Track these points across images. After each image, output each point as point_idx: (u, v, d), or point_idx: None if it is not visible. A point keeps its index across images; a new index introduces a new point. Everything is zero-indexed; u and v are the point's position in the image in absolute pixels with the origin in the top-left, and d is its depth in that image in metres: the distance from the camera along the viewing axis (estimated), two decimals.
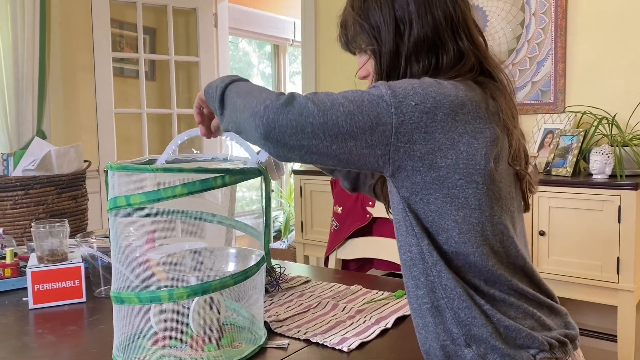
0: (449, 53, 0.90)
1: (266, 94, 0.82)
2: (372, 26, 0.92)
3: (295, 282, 1.44)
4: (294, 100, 0.79)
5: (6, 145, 2.84)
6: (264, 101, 0.80)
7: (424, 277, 0.86)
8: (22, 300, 1.33)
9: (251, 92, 0.84)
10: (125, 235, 1.17)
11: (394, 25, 0.90)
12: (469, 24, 0.93)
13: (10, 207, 2.04)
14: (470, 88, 0.87)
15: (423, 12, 0.89)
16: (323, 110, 0.79)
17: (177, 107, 3.67)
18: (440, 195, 0.83)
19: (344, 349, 1.00)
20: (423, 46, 0.89)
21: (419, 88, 0.82)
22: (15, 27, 2.81)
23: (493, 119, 0.86)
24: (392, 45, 0.91)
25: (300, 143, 0.80)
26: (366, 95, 0.81)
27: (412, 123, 0.80)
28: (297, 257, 3.07)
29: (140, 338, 1.04)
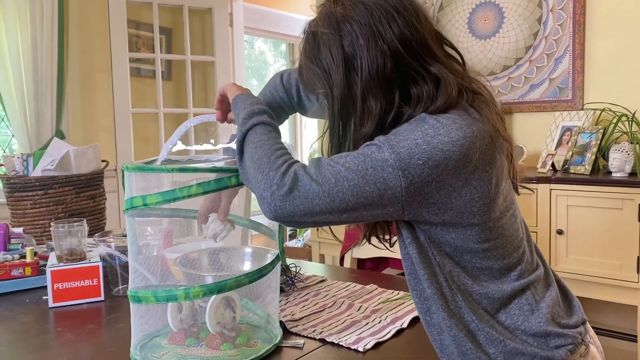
0: (420, 81, 0.83)
1: (273, 171, 0.81)
2: (324, 69, 0.86)
3: (311, 281, 1.44)
4: (297, 183, 0.79)
5: (26, 145, 2.88)
6: (269, 186, 0.80)
7: (453, 305, 0.86)
8: (41, 298, 1.35)
9: (261, 159, 0.84)
10: (143, 234, 1.18)
11: (344, 64, 0.84)
12: (430, 45, 0.85)
13: (30, 206, 2.07)
14: (471, 118, 0.83)
15: (373, 44, 0.82)
16: (328, 190, 0.78)
17: (193, 107, 3.69)
18: (461, 227, 0.83)
19: (359, 348, 1.00)
20: (379, 80, 0.83)
21: (423, 144, 0.78)
22: (34, 30, 2.85)
23: (497, 144, 0.84)
24: (343, 85, 0.85)
25: (311, 220, 0.81)
26: (369, 161, 0.78)
27: (422, 179, 0.78)
28: (312, 256, 3.07)
29: (157, 337, 1.05)
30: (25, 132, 2.88)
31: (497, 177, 0.83)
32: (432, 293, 0.86)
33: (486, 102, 0.87)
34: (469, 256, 0.85)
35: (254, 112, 0.93)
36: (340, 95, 0.86)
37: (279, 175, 0.80)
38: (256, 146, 0.87)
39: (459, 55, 0.90)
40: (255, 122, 0.91)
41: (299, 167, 0.81)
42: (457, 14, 2.90)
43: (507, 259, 0.86)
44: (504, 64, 2.79)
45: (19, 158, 2.23)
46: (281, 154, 0.84)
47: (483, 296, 0.85)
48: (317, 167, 0.80)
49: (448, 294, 0.86)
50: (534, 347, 0.84)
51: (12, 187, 2.12)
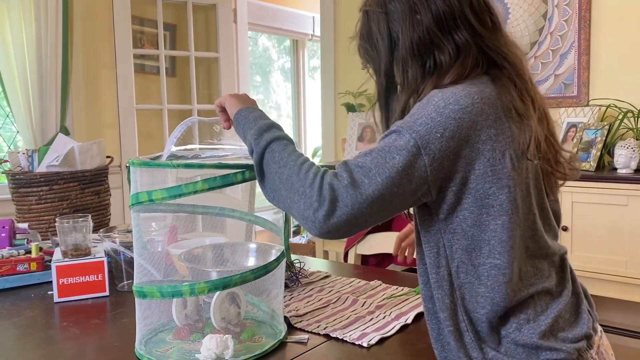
0: (445, 52, 0.87)
1: (308, 188, 0.82)
2: (373, 45, 0.93)
3: (315, 277, 1.44)
4: (336, 194, 0.80)
5: (31, 141, 2.89)
6: (310, 204, 0.81)
7: (449, 300, 0.86)
8: (47, 293, 1.36)
9: (290, 178, 0.84)
10: (148, 230, 1.19)
11: (388, 39, 0.91)
12: (466, 13, 0.88)
13: (35, 202, 2.08)
14: (484, 86, 0.85)
15: (411, 19, 0.88)
16: (364, 192, 0.79)
17: (197, 103, 3.69)
18: (476, 209, 0.82)
19: (363, 344, 1.00)
20: (415, 50, 0.88)
21: (437, 116, 0.80)
22: (39, 26, 2.85)
23: (509, 115, 0.84)
24: (387, 59, 0.91)
25: (352, 229, 0.82)
26: (394, 149, 0.80)
27: (442, 153, 0.79)
28: (316, 252, 3.08)
29: (162, 332, 1.05)
30: (30, 129, 2.89)
31: (510, 150, 0.82)
32: (435, 282, 0.86)
33: (510, 77, 0.87)
34: (487, 249, 0.83)
35: (262, 128, 0.92)
36: (385, 68, 0.92)
37: (316, 192, 0.81)
38: (279, 165, 0.87)
39: (492, 25, 0.91)
40: (269, 140, 0.90)
41: (332, 177, 0.82)
42: None
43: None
44: None
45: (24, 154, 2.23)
46: (308, 167, 0.85)
47: (483, 298, 0.84)
48: (348, 172, 0.81)
49: (447, 287, 0.85)
50: (519, 358, 0.83)
51: (17, 183, 2.13)
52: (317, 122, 5.02)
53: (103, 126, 3.31)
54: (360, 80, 3.68)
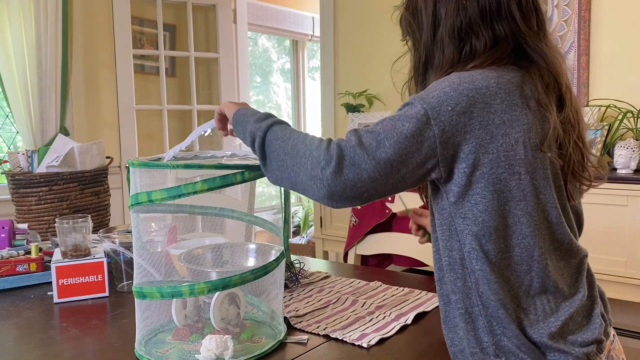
0: (482, 41, 0.89)
1: (315, 150, 0.83)
2: (415, 17, 0.95)
3: (315, 277, 1.44)
4: (343, 153, 0.80)
5: (30, 142, 2.89)
6: (318, 163, 0.81)
7: (461, 283, 0.86)
8: (46, 294, 1.36)
9: (296, 146, 0.85)
10: (147, 230, 1.19)
11: (433, 17, 0.92)
12: (512, 9, 0.90)
13: (35, 202, 2.08)
14: (505, 73, 0.86)
15: (458, 2, 0.90)
16: (372, 154, 0.80)
17: (197, 104, 3.69)
18: (487, 193, 0.82)
19: (363, 344, 1.00)
20: (455, 33, 0.90)
21: (450, 91, 0.81)
22: (39, 27, 2.85)
23: (527, 104, 0.84)
24: (429, 33, 0.93)
25: (360, 192, 0.81)
26: (404, 118, 0.81)
27: (452, 127, 0.80)
28: (316, 253, 3.08)
29: (162, 332, 1.05)
30: (30, 129, 2.89)
31: (525, 137, 0.82)
32: (447, 265, 0.87)
33: (540, 72, 0.88)
34: (495, 235, 0.83)
35: (261, 117, 0.93)
36: (425, 44, 0.93)
37: (323, 152, 0.82)
38: (283, 140, 0.88)
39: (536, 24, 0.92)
40: (270, 123, 0.91)
41: (340, 140, 0.83)
42: None
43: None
44: None
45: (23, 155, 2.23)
46: (313, 136, 0.86)
47: (496, 285, 0.83)
48: (357, 136, 0.82)
49: (460, 271, 0.85)
50: (528, 356, 0.82)
51: (16, 184, 2.13)
52: (316, 122, 5.03)
53: (103, 126, 3.31)
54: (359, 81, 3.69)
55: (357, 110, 3.18)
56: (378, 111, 3.13)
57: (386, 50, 3.17)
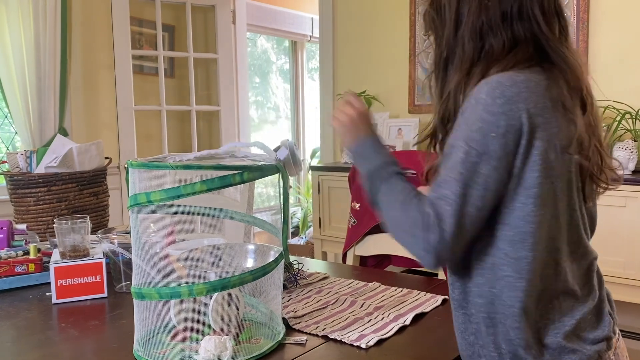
0: (501, 41, 0.90)
1: (420, 221, 0.85)
2: (439, 12, 0.97)
3: (313, 278, 1.44)
4: (443, 223, 0.83)
5: (29, 142, 2.89)
6: (420, 243, 0.84)
7: (487, 288, 0.87)
8: (45, 295, 1.36)
9: (399, 218, 0.89)
10: (146, 231, 1.19)
11: (455, 14, 0.94)
12: (535, 12, 0.91)
13: (34, 203, 2.08)
14: (533, 75, 0.86)
15: (480, 1, 0.91)
16: (448, 220, 0.83)
17: (196, 104, 3.69)
18: (523, 198, 0.84)
19: (362, 345, 1.00)
20: (477, 32, 0.92)
21: (488, 116, 0.83)
22: (38, 27, 2.85)
23: (556, 107, 0.86)
24: (451, 30, 0.94)
25: (464, 237, 0.85)
26: (461, 166, 0.84)
27: (503, 149, 0.83)
28: (315, 254, 3.08)
29: (161, 333, 1.05)
30: (29, 129, 2.88)
31: (556, 141, 0.84)
32: (477, 270, 0.89)
33: (564, 76, 0.89)
34: (523, 244, 0.85)
35: (378, 166, 0.96)
36: (447, 40, 0.94)
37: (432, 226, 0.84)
38: (390, 206, 0.92)
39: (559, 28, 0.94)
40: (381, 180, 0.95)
41: (428, 205, 0.85)
42: None
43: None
44: None
45: (22, 155, 2.23)
46: (412, 201, 0.88)
47: (522, 293, 0.85)
48: (439, 196, 0.85)
49: (489, 276, 0.87)
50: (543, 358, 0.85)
51: (15, 184, 2.13)
52: (315, 123, 5.03)
53: (101, 127, 3.31)
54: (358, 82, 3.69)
55: None
56: (377, 112, 3.14)
57: (385, 51, 3.17)
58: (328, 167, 3.02)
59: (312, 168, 3.10)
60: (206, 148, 3.90)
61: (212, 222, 1.21)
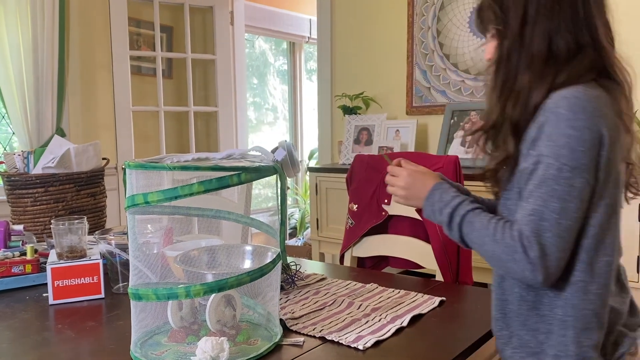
0: (566, 45, 0.94)
1: (517, 245, 0.89)
2: (502, 8, 0.98)
3: (311, 279, 1.44)
4: (541, 239, 0.88)
5: (26, 143, 2.88)
6: (523, 270, 0.90)
7: (562, 292, 0.93)
8: (42, 296, 1.36)
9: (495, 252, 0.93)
10: (143, 232, 1.19)
11: (522, 11, 0.96)
12: (596, 24, 0.95)
13: (31, 204, 2.07)
14: (599, 92, 0.91)
15: (552, 4, 0.94)
16: (556, 225, 0.88)
17: (194, 105, 3.69)
18: (601, 207, 0.90)
19: (359, 347, 1.00)
20: (547, 34, 0.94)
21: (573, 132, 0.87)
22: (35, 27, 2.85)
23: (621, 122, 0.91)
24: (517, 29, 0.96)
25: (565, 249, 0.90)
26: (553, 183, 0.88)
27: (590, 162, 0.88)
28: (312, 255, 3.08)
29: (158, 334, 1.05)
30: (26, 130, 2.88)
31: (621, 153, 0.91)
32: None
33: (621, 91, 0.95)
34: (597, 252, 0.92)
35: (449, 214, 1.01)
36: (511, 36, 0.97)
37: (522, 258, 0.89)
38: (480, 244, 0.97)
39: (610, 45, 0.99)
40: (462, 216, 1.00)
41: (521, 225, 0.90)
42: (458, 12, 2.90)
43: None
44: None
45: (19, 155, 2.23)
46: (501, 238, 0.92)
47: (593, 295, 0.92)
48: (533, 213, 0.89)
49: (563, 282, 0.94)
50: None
51: (12, 185, 2.12)
52: (313, 124, 5.03)
53: (99, 128, 3.31)
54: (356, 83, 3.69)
55: (353, 113, 3.19)
56: (375, 113, 3.14)
57: (383, 52, 3.17)
58: (326, 169, 3.02)
59: (310, 169, 3.10)
60: (204, 149, 3.91)
61: (209, 223, 1.21)
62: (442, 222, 1.03)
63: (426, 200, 1.06)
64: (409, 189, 1.09)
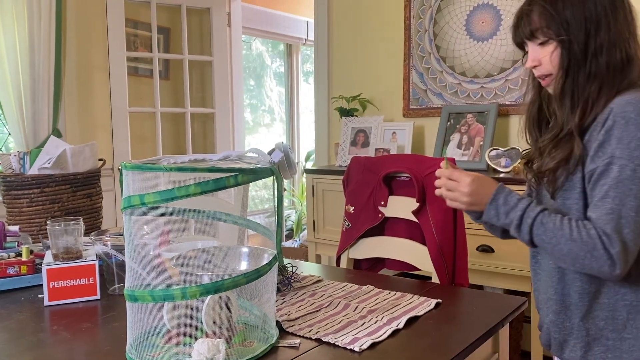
0: (619, 55, 1.03)
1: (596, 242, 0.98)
2: (563, 20, 1.03)
3: (307, 281, 1.44)
4: (621, 235, 0.97)
5: (23, 144, 2.87)
6: (604, 269, 0.99)
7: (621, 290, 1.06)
8: (37, 297, 1.35)
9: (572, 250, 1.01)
10: (139, 233, 1.19)
11: (584, 23, 1.02)
12: (637, 35, 1.06)
13: (27, 205, 2.07)
14: None
15: (611, 17, 1.02)
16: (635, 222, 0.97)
17: (190, 107, 3.69)
18: None
19: (355, 348, 1.00)
20: (605, 47, 1.02)
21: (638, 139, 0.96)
22: (32, 28, 2.84)
23: None
24: (582, 40, 1.03)
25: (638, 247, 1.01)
26: (634, 179, 0.97)
27: None
28: (309, 256, 3.08)
29: (153, 336, 1.05)
30: (22, 131, 2.87)
31: None
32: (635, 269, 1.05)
33: None
34: None
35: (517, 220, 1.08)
36: (577, 47, 1.03)
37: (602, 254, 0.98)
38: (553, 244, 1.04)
39: None
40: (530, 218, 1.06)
41: (598, 223, 0.99)
42: (454, 16, 2.91)
43: None
44: (501, 66, 2.79)
45: (15, 156, 2.22)
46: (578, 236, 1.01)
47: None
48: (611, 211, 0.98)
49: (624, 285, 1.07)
50: None
51: (8, 185, 2.11)
52: (310, 126, 5.03)
53: (96, 129, 3.30)
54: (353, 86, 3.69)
55: (350, 115, 3.19)
56: (371, 115, 3.14)
57: (380, 55, 3.18)
58: (322, 170, 3.02)
59: (307, 171, 3.10)
60: (201, 150, 3.91)
61: (206, 225, 1.21)
62: (508, 224, 1.09)
63: (490, 205, 1.11)
64: (474, 195, 1.12)
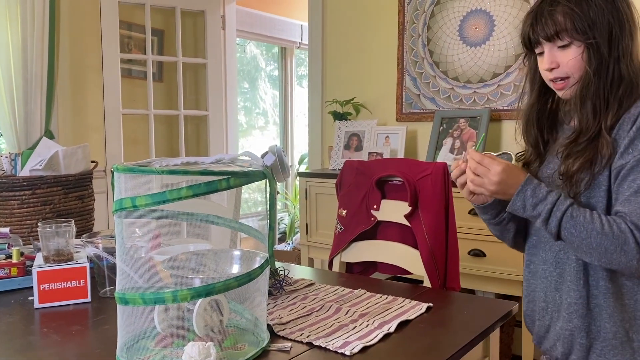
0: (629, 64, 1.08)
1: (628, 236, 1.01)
2: (590, 21, 1.07)
3: (299, 284, 1.44)
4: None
5: (14, 145, 2.86)
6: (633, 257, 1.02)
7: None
8: (27, 299, 1.34)
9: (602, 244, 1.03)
10: (131, 236, 1.18)
11: (608, 28, 1.06)
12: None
13: (17, 206, 2.06)
14: None
15: (631, 24, 1.08)
16: None
17: (184, 109, 3.68)
18: None
19: (346, 352, 1.01)
20: (629, 52, 1.07)
21: None
22: (25, 29, 2.83)
23: None
24: (607, 44, 1.07)
25: None
26: None
27: None
28: (301, 260, 3.08)
29: (144, 339, 1.05)
30: (14, 132, 2.86)
31: None
32: None
33: None
34: None
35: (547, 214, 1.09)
36: (603, 49, 1.07)
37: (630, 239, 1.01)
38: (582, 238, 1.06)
39: None
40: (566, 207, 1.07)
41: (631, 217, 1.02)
42: (448, 21, 2.92)
43: None
44: (494, 72, 2.81)
45: (7, 157, 2.21)
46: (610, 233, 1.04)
47: None
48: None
49: None
50: None
51: None
52: (303, 129, 5.04)
53: (88, 130, 3.29)
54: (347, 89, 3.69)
55: (344, 118, 3.20)
56: (365, 119, 3.15)
57: (373, 59, 3.19)
58: (316, 174, 3.02)
59: (300, 174, 3.10)
60: (194, 153, 3.90)
61: (198, 228, 1.21)
62: (536, 216, 1.09)
63: (517, 195, 1.10)
64: (501, 184, 1.12)
